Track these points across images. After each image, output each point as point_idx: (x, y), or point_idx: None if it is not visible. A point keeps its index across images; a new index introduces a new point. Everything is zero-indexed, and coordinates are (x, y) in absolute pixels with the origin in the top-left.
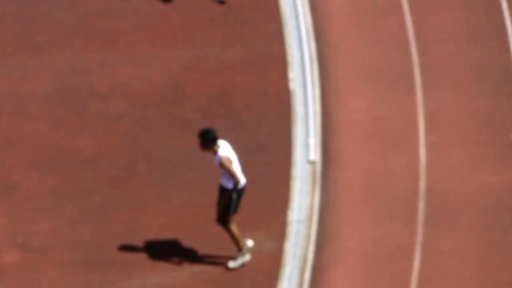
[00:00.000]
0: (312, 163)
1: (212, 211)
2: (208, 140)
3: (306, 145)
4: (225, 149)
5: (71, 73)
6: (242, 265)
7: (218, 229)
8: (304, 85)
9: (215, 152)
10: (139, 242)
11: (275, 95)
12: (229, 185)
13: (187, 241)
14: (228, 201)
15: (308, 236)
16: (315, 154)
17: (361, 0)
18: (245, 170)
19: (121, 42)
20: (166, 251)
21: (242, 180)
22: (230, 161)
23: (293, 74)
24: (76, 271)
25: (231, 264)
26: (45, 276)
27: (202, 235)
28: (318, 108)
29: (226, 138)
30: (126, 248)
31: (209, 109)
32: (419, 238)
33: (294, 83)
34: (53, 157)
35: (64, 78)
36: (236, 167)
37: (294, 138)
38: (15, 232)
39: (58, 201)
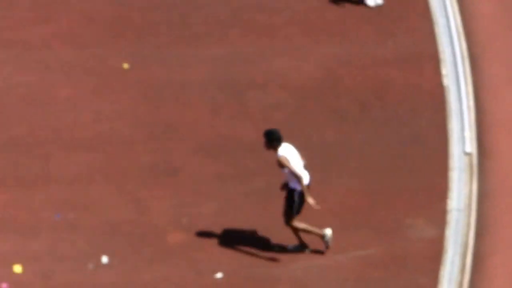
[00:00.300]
0: (468, 155)
1: (374, 197)
2: (272, 140)
3: (462, 138)
4: (285, 150)
5: (228, 63)
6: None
7: (380, 214)
8: (457, 81)
9: (276, 152)
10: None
11: (429, 90)
12: (294, 184)
13: (349, 226)
14: (290, 202)
15: (468, 224)
16: (470, 146)
17: (507, 2)
18: (403, 161)
19: (277, 36)
20: None
21: (305, 179)
22: (287, 160)
23: (446, 70)
24: (242, 251)
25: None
26: (211, 256)
27: (364, 220)
28: (471, 103)
29: (383, 130)
30: (290, 230)
31: (366, 101)
32: None
33: (447, 79)
34: (214, 143)
35: (221, 68)
36: (296, 167)
37: (449, 131)
38: (180, 214)
39: (221, 185)
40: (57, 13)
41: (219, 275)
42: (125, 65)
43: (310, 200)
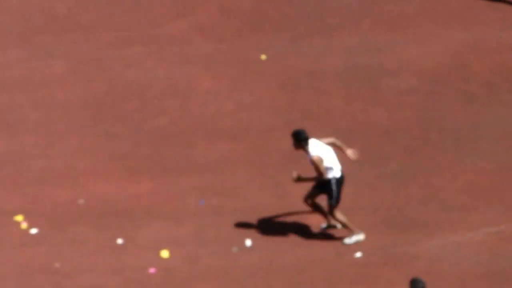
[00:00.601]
0: None
1: (503, 175)
2: (300, 140)
3: None
4: (316, 147)
5: (361, 52)
6: (357, 242)
7: (510, 191)
8: None
9: (306, 151)
10: (435, 204)
11: None
12: (329, 174)
13: (481, 204)
14: (329, 193)
15: None
16: None
17: None
18: None
19: (407, 24)
20: (460, 212)
21: (337, 174)
22: (321, 160)
23: None
24: (379, 231)
25: (347, 240)
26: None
27: (495, 197)
28: None
29: (511, 111)
30: (425, 210)
31: (494, 85)
32: None
33: None
34: (349, 128)
35: (354, 56)
36: (330, 161)
37: None
38: (319, 197)
39: (357, 168)
40: (195, 7)
41: (358, 254)
42: (263, 56)
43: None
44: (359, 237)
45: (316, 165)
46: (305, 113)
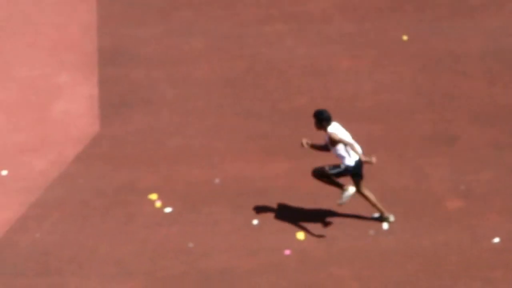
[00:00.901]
0: None
1: None
2: (322, 120)
3: None
4: (335, 128)
5: (503, 35)
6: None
7: None
8: None
9: (326, 131)
10: None
11: None
12: (346, 162)
13: None
14: (337, 167)
15: None
16: None
17: None
18: None
19: None
20: None
21: (351, 162)
22: (338, 135)
23: None
24: None
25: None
26: (488, 221)
27: None
28: None
29: None
30: None
31: None
32: None
33: None
34: (491, 112)
35: (496, 39)
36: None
37: None
38: (458, 181)
39: (498, 153)
40: None
41: (496, 240)
42: (404, 37)
43: (373, 159)
44: (349, 192)
45: (335, 138)
46: (446, 95)
